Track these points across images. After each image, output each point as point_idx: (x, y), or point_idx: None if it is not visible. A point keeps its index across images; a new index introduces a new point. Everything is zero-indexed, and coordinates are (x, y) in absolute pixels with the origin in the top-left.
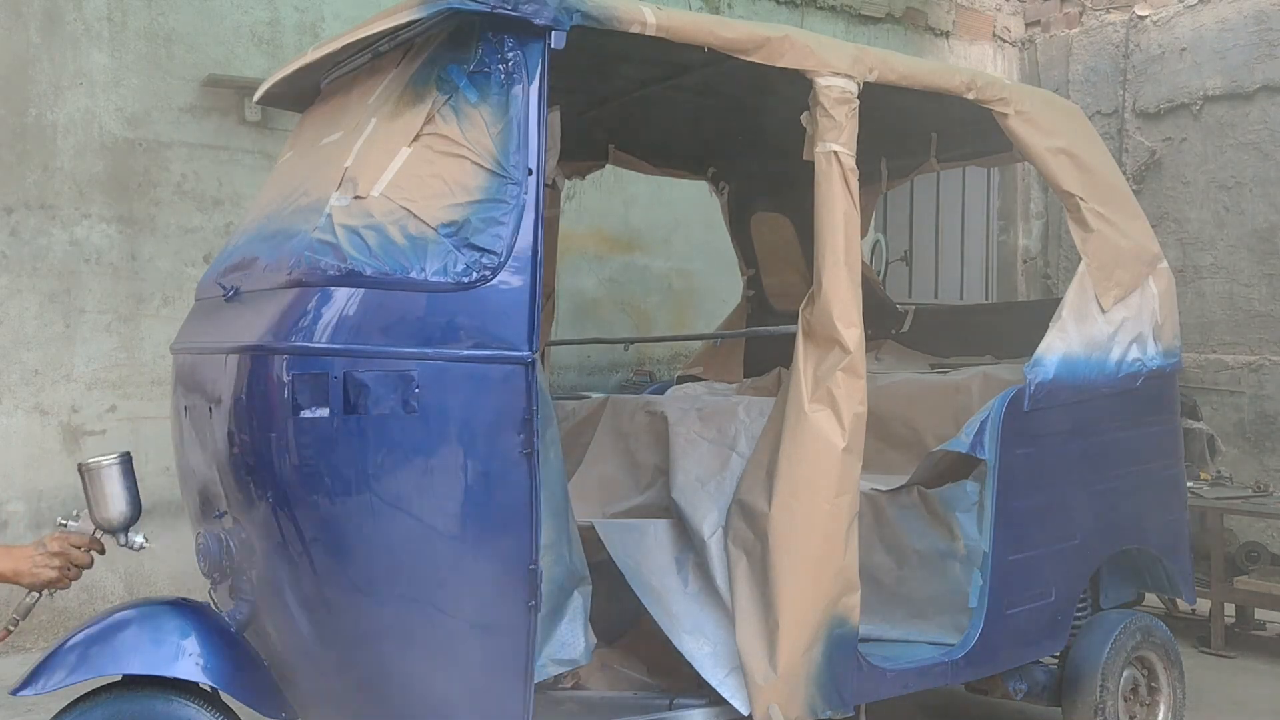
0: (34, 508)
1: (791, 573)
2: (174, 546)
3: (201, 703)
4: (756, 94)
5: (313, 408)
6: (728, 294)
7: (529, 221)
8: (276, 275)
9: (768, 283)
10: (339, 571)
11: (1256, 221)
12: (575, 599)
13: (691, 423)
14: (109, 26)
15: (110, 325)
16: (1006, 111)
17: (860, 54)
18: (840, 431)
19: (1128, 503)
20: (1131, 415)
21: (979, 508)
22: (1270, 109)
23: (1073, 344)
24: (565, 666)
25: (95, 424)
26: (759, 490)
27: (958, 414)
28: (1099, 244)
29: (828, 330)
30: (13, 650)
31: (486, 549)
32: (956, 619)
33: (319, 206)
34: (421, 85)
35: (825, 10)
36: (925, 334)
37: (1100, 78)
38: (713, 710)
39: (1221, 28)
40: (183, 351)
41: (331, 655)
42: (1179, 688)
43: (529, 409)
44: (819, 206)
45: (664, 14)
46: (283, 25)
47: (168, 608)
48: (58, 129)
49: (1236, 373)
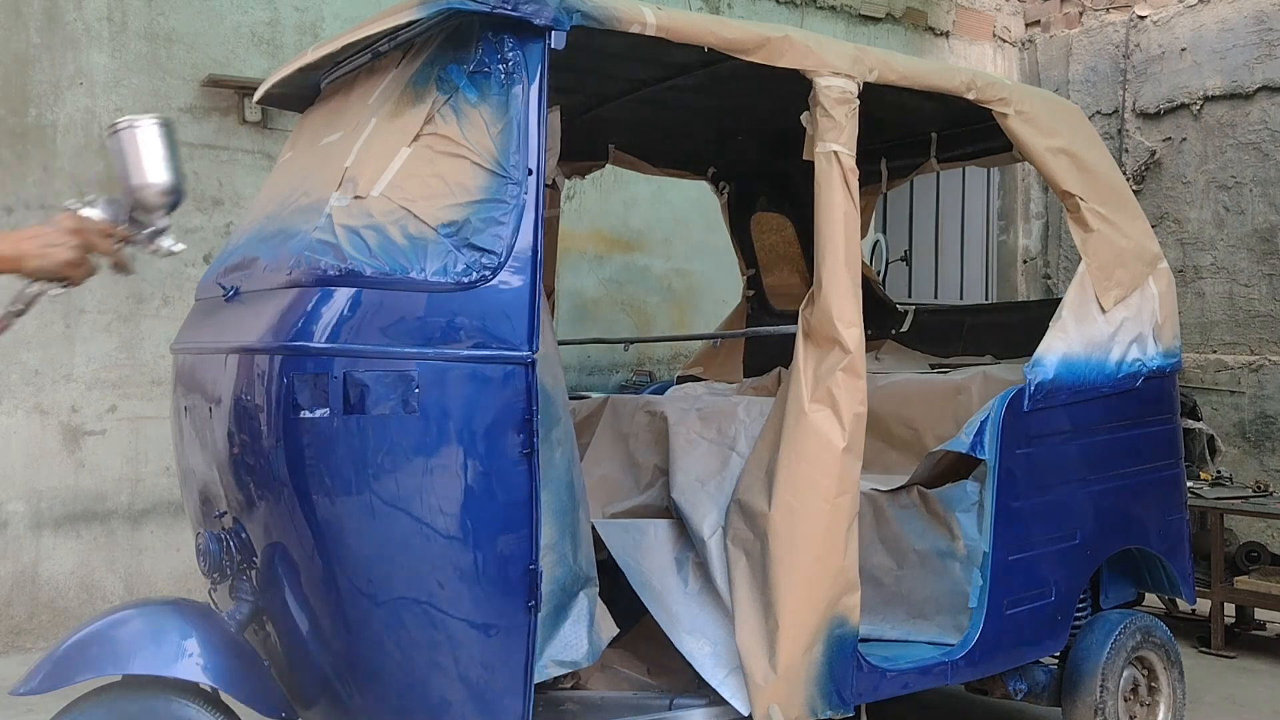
0: (34, 508)
1: (791, 573)
2: (174, 546)
3: (201, 703)
4: (756, 94)
5: (313, 408)
6: (728, 294)
7: (529, 221)
8: (276, 275)
9: (768, 283)
10: (339, 571)
11: (1256, 221)
12: (580, 600)
13: (691, 423)
14: (109, 26)
15: (110, 325)
16: (1006, 111)
17: (860, 54)
18: (840, 431)
19: (1128, 503)
20: (1131, 415)
21: (979, 508)
22: (1270, 109)
23: (1073, 344)
24: (567, 668)
25: (95, 424)
26: (759, 490)
27: (958, 414)
28: (1099, 244)
29: (828, 330)
30: (13, 650)
31: (486, 549)
32: (956, 619)
33: (319, 206)
34: (421, 85)
35: (825, 10)
36: (925, 334)
37: (1100, 78)
38: (713, 710)
39: (1221, 28)
40: (183, 351)
41: (331, 655)
42: (1179, 688)
43: (529, 409)
44: (819, 206)
45: (664, 14)
46: (283, 25)
47: (168, 608)
48: (58, 129)
49: (1236, 373)
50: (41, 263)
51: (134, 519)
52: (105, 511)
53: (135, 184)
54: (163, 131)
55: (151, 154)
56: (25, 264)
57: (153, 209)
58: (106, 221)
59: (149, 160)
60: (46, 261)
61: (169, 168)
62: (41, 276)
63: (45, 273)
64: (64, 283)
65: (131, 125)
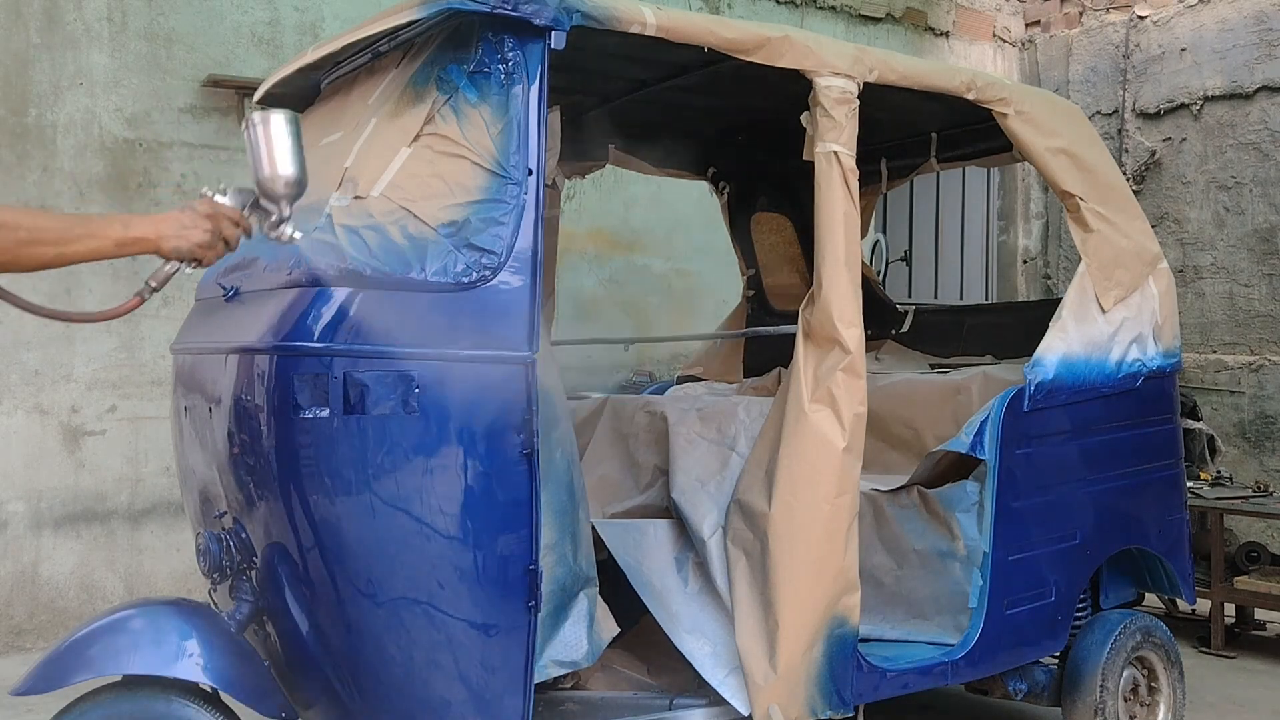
0: (34, 508)
1: (791, 573)
2: (174, 546)
3: (201, 703)
4: (756, 94)
5: (313, 408)
6: (728, 294)
7: (529, 221)
8: (276, 275)
9: (768, 283)
10: (339, 571)
11: (1256, 221)
12: (580, 601)
13: (691, 423)
14: (109, 26)
15: (110, 325)
16: (1006, 112)
17: (860, 54)
18: (840, 431)
19: (1128, 503)
20: (1131, 415)
21: (979, 508)
22: (1270, 109)
23: (1073, 344)
24: (567, 668)
25: (95, 424)
26: (759, 490)
27: (958, 414)
28: (1099, 244)
29: (828, 330)
30: (13, 650)
31: (486, 549)
32: (956, 619)
33: (319, 206)
34: (421, 85)
35: (825, 10)
36: (925, 334)
37: (1100, 78)
38: (713, 710)
39: (1221, 28)
40: (183, 351)
41: (331, 655)
42: (1179, 688)
43: (529, 409)
44: (819, 206)
45: (664, 14)
46: (283, 25)
47: (168, 608)
48: (58, 129)
49: (1236, 373)
50: (178, 243)
51: (134, 519)
52: (105, 511)
53: (266, 174)
54: (290, 127)
55: (281, 146)
56: (163, 244)
57: (278, 198)
58: (235, 209)
59: (280, 152)
60: (182, 243)
61: (294, 160)
62: (177, 256)
63: (180, 253)
64: (196, 263)
65: (262, 119)
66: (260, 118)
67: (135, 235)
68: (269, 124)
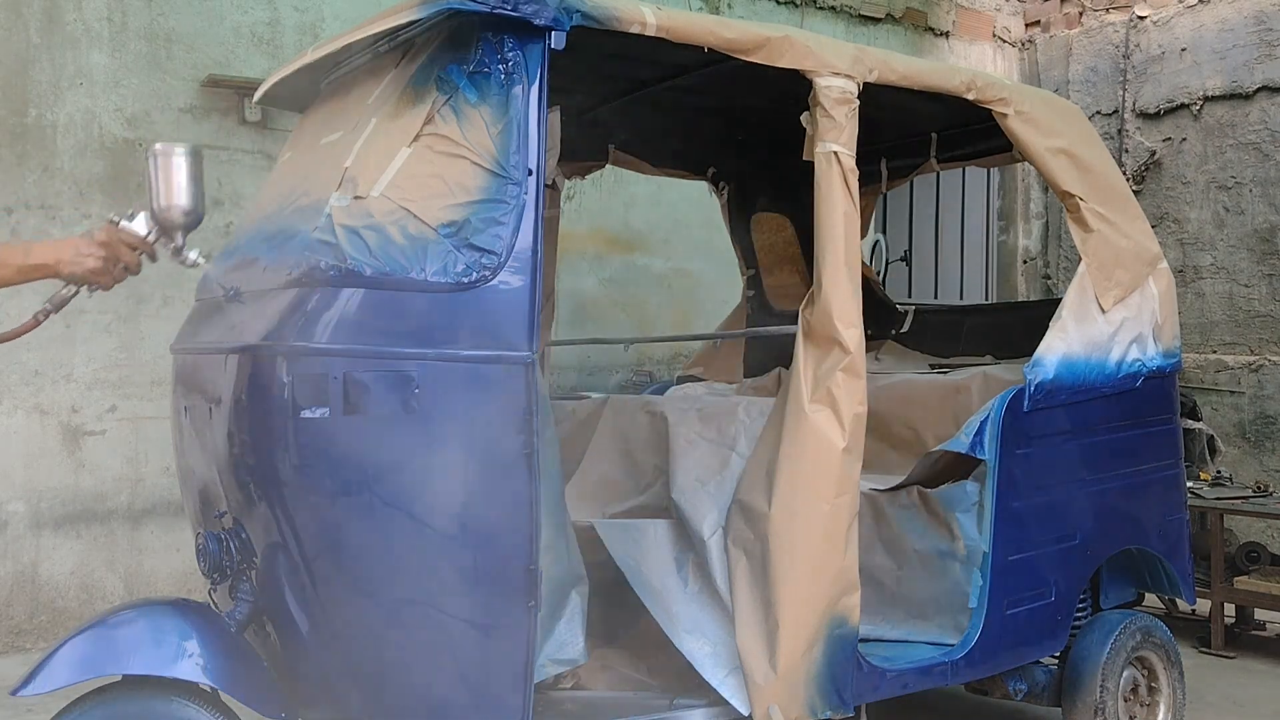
0: (34, 508)
1: (791, 573)
2: (174, 546)
3: (201, 703)
4: (756, 94)
5: (313, 408)
6: (728, 294)
7: (529, 221)
8: (276, 275)
9: (768, 283)
10: (339, 572)
11: (1256, 221)
12: (573, 599)
13: (691, 423)
14: (109, 26)
15: (110, 325)
16: (1006, 112)
17: (860, 54)
18: (840, 431)
19: (1128, 503)
20: (1131, 415)
21: (979, 508)
22: (1270, 109)
23: (1073, 344)
24: (564, 666)
25: (95, 424)
26: (759, 490)
27: (958, 414)
28: (1099, 244)
29: (828, 330)
30: (13, 650)
31: (486, 549)
32: (956, 619)
33: (319, 207)
34: (421, 85)
35: (825, 10)
36: (925, 334)
37: (1100, 78)
38: (713, 710)
39: (1221, 28)
40: (183, 351)
41: (331, 655)
42: (1179, 688)
43: (529, 409)
44: (819, 206)
45: (664, 14)
46: (283, 25)
47: (168, 608)
48: (58, 129)
49: (1236, 373)
50: (74, 269)
51: (134, 519)
52: (105, 511)
53: (160, 205)
54: (190, 160)
55: (177, 179)
56: (61, 270)
57: (174, 228)
58: (137, 235)
59: (177, 184)
60: (78, 269)
61: (192, 195)
62: (74, 281)
63: (77, 279)
64: (94, 287)
65: (162, 152)
66: (161, 149)
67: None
68: (169, 157)
